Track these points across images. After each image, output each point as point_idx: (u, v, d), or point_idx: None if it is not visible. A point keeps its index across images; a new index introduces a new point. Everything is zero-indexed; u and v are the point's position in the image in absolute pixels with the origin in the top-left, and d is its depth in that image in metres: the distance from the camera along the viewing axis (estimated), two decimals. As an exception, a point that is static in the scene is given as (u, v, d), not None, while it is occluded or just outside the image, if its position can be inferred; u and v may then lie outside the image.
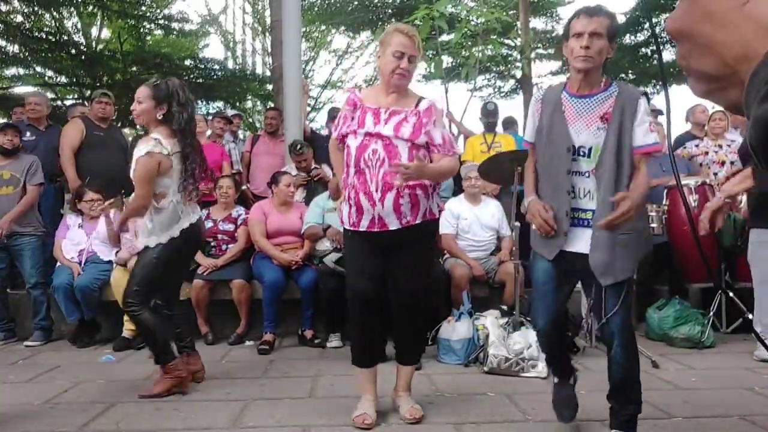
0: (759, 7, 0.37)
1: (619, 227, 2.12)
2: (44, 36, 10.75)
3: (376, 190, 2.48)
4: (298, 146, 5.05)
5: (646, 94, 2.25)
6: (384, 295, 2.64)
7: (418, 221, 2.55)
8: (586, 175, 2.23)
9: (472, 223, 4.39)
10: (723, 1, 0.39)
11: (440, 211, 2.69)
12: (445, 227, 4.35)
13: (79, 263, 4.41)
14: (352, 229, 2.59)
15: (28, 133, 5.12)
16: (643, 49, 13.74)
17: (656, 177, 4.70)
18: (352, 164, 2.53)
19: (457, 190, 4.91)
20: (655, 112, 5.68)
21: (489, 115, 5.86)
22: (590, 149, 2.21)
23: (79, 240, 4.51)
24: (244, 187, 5.62)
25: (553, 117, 2.26)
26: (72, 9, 11.41)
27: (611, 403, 2.37)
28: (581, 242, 2.23)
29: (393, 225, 2.51)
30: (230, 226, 4.57)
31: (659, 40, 8.89)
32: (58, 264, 4.48)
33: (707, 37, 0.40)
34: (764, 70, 0.36)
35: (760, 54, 0.36)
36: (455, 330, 3.72)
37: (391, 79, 2.52)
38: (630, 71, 14.94)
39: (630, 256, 2.21)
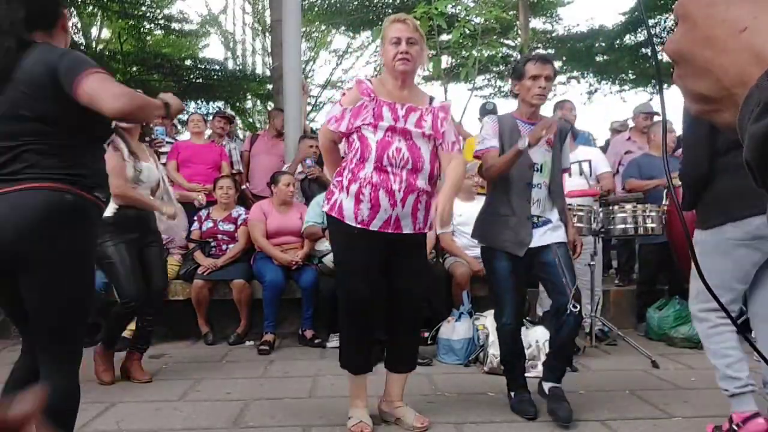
0: (754, 36, 0.39)
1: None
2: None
3: (399, 190, 2.40)
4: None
5: (573, 127, 3.01)
6: (381, 299, 2.54)
7: (426, 230, 2.57)
8: (539, 186, 2.74)
9: (469, 219, 4.38)
10: (722, 28, 0.41)
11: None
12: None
13: None
14: (359, 226, 2.43)
15: None
16: (643, 50, 13.76)
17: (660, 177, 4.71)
18: (372, 159, 2.41)
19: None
20: (651, 115, 5.69)
21: (487, 114, 5.86)
22: (542, 165, 2.75)
23: None
24: (243, 187, 5.62)
25: (512, 139, 2.70)
26: (72, 9, 11.40)
27: (551, 361, 2.83)
28: (535, 239, 2.71)
29: (407, 229, 2.47)
30: (230, 227, 4.57)
31: (656, 40, 8.89)
32: None
33: (707, 61, 0.42)
34: (757, 93, 0.37)
35: (755, 79, 0.38)
36: (455, 330, 3.72)
37: (395, 67, 2.45)
38: (630, 71, 14.97)
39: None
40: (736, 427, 2.29)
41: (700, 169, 2.33)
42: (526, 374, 3.32)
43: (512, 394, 2.84)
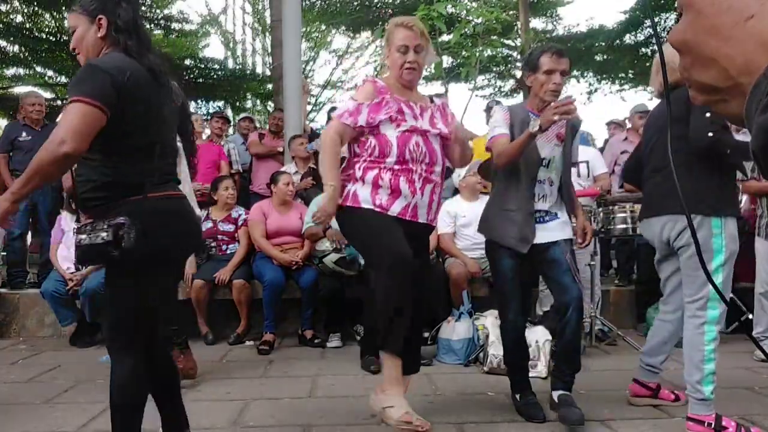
0: (761, 24, 0.39)
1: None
2: (44, 36, 10.75)
3: (419, 179, 2.42)
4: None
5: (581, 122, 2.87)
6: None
7: (435, 223, 2.61)
8: (543, 182, 2.69)
9: (472, 220, 4.39)
10: (728, 16, 0.40)
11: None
12: (443, 227, 4.35)
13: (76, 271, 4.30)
14: (378, 210, 2.37)
15: (24, 134, 5.14)
16: (644, 49, 13.75)
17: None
18: (394, 154, 2.38)
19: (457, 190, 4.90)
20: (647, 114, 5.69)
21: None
22: (549, 161, 2.69)
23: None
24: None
25: (523, 130, 2.59)
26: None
27: (560, 366, 2.73)
28: (541, 235, 2.67)
29: (422, 218, 2.47)
30: (230, 227, 4.56)
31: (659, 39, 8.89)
32: (54, 268, 4.45)
33: (712, 50, 0.41)
34: (765, 82, 0.37)
35: (762, 67, 0.37)
36: (455, 330, 3.72)
37: (401, 75, 2.48)
38: (630, 71, 14.96)
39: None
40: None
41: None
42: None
43: (517, 396, 2.77)
